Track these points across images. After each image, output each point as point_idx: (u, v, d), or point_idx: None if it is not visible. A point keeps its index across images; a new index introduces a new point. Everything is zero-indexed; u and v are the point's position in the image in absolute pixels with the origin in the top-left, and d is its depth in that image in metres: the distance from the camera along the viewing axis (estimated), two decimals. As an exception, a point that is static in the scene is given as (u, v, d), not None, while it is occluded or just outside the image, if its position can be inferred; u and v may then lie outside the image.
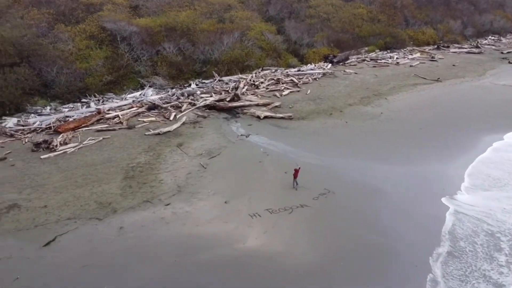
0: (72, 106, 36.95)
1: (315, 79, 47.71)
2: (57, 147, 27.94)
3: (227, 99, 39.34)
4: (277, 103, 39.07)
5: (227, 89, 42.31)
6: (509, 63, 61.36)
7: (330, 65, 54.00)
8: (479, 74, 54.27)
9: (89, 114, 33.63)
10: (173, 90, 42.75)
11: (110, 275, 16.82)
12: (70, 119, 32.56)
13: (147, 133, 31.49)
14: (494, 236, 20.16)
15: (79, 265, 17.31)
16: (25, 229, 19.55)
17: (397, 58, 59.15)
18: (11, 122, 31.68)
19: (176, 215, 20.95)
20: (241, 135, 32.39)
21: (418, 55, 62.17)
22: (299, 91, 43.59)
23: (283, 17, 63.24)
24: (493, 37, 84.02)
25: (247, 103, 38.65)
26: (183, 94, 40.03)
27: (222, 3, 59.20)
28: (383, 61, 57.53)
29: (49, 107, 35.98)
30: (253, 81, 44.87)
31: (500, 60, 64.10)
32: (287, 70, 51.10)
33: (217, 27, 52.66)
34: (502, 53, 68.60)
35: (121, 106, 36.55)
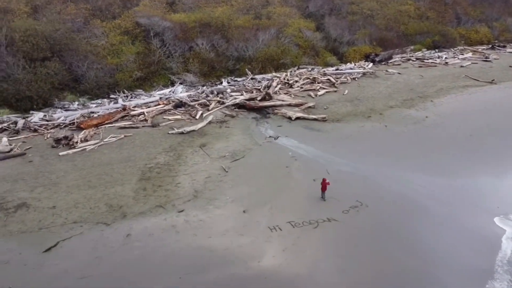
0: (100, 102, 36.26)
1: (354, 78, 44.59)
2: (77, 144, 27.00)
3: (258, 98, 37.25)
4: (311, 104, 36.51)
5: (259, 88, 40.22)
6: None
7: (371, 64, 50.54)
8: (540, 76, 48.83)
9: (114, 110, 32.61)
10: (204, 87, 41.23)
11: (107, 289, 15.21)
12: (94, 115, 31.68)
13: (170, 132, 30.02)
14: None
15: (78, 276, 15.82)
16: (28, 232, 18.41)
17: (446, 57, 54.62)
18: (37, 116, 31.26)
19: (188, 224, 19.10)
20: (269, 137, 30.20)
21: (469, 55, 57.18)
22: (336, 91, 40.75)
23: (323, 13, 60.25)
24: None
25: (279, 103, 36.37)
26: (212, 92, 38.39)
27: (260, -2, 57.26)
28: (430, 61, 53.25)
29: (76, 103, 35.49)
30: (287, 80, 42.50)
31: None
32: (325, 69, 48.27)
33: (253, 23, 50.69)
34: None
35: (148, 103, 35.38)
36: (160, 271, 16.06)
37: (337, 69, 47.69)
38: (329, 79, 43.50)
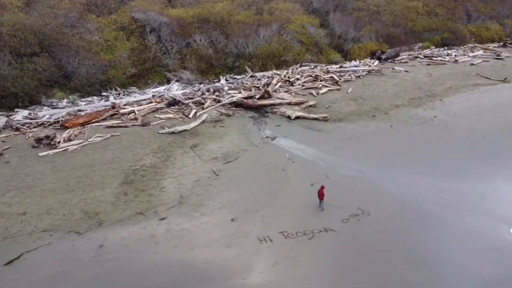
0: (90, 99, 34.53)
1: (359, 76, 42.46)
2: (59, 144, 25.26)
3: (257, 96, 35.30)
4: (312, 102, 34.48)
5: (258, 86, 38.27)
6: None
7: (377, 62, 48.35)
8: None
9: (102, 108, 30.85)
10: (201, 85, 39.35)
11: (70, 310, 13.38)
12: (82, 114, 29.93)
13: (160, 132, 28.18)
14: None
15: (39, 293, 14.02)
16: (-9, 241, 16.66)
17: (455, 55, 52.24)
18: (21, 114, 29.60)
19: (169, 234, 17.22)
20: (266, 137, 28.25)
21: (480, 52, 54.73)
22: (339, 89, 38.67)
23: (328, 10, 58.15)
24: None
25: (278, 101, 34.38)
26: (208, 89, 36.51)
27: (262, -7, 55.30)
28: (439, 58, 50.90)
29: (66, 100, 33.78)
30: (288, 78, 40.48)
31: None
32: (328, 66, 46.18)
33: (254, 19, 48.76)
34: None
35: (140, 101, 33.59)
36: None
37: (341, 67, 45.55)
38: (332, 77, 41.41)
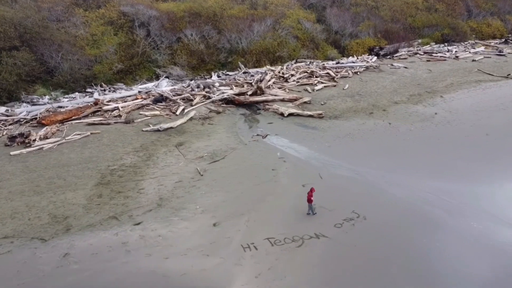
0: (74, 96, 32.84)
1: (356, 73, 40.81)
2: (34, 142, 23.57)
3: (249, 93, 33.62)
4: (307, 99, 32.82)
5: (251, 82, 36.61)
6: None
7: (375, 58, 46.73)
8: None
9: (84, 105, 29.13)
10: (191, 81, 37.68)
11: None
12: (62, 110, 28.22)
13: (144, 129, 26.50)
14: None
15: (-10, 310, 12.34)
16: None
17: (456, 51, 50.61)
18: (-2, 111, 27.92)
19: (143, 241, 15.54)
20: (257, 135, 26.60)
21: (482, 49, 53.15)
22: (335, 85, 37.01)
23: (324, 5, 56.48)
24: None
25: (271, 98, 32.73)
26: (198, 85, 34.81)
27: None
28: (439, 54, 49.29)
29: (47, 97, 32.08)
30: (282, 74, 38.81)
31: None
32: (324, 62, 44.53)
33: (248, 13, 47.11)
34: None
35: (125, 97, 31.90)
36: (94, 305, 12.55)
37: (337, 63, 43.91)
38: (328, 73, 39.76)
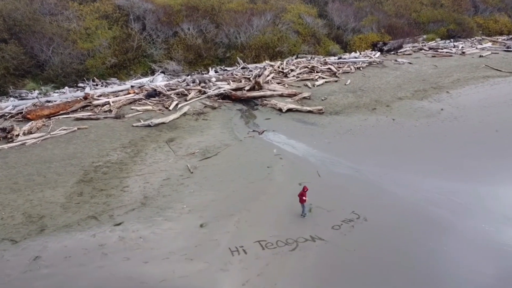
0: (64, 91, 31.61)
1: (359, 68, 39.38)
2: (17, 137, 22.34)
3: (246, 88, 32.30)
4: (306, 94, 31.45)
5: (249, 77, 35.27)
6: None
7: (378, 53, 45.26)
8: None
9: (72, 99, 27.90)
10: (187, 77, 36.38)
11: None
12: (49, 104, 26.98)
13: (135, 125, 25.24)
14: None
15: None
16: None
17: (462, 47, 49.05)
18: (-18, 106, 26.72)
19: (123, 243, 14.23)
20: (253, 131, 25.27)
21: (489, 44, 51.54)
22: (336, 81, 35.60)
23: (327, 0, 55.05)
24: None
25: (269, 93, 31.38)
26: (194, 80, 33.52)
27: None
28: (445, 50, 47.74)
29: (37, 91, 30.86)
30: (282, 69, 37.44)
31: None
32: (326, 58, 43.10)
33: (247, 7, 45.78)
34: None
35: (116, 91, 30.65)
36: (60, 316, 11.25)
37: (339, 58, 42.48)
38: (329, 69, 38.35)
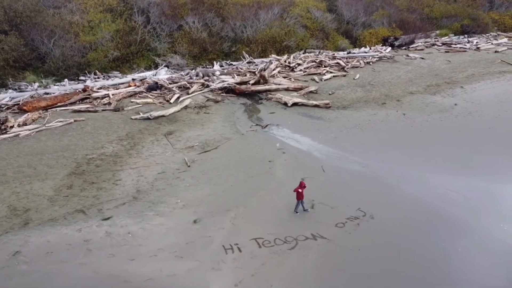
0: (64, 84, 30.87)
1: (368, 63, 38.04)
2: (11, 129, 21.60)
3: (251, 82, 31.26)
4: (313, 88, 30.27)
5: (254, 71, 34.21)
6: None
7: (389, 48, 43.80)
8: None
9: (71, 91, 27.13)
10: (192, 71, 35.41)
11: None
12: (46, 96, 26.24)
13: (133, 117, 24.36)
14: None
15: None
16: None
17: (477, 42, 47.34)
18: (-20, 97, 26.09)
19: (109, 238, 13.28)
20: (256, 125, 24.21)
21: (505, 40, 49.73)
22: (345, 75, 34.35)
23: (337, -6, 53.76)
24: None
25: (274, 87, 30.28)
26: (197, 74, 32.57)
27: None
28: (458, 46, 46.10)
29: (37, 84, 30.16)
30: (288, 63, 36.29)
31: None
32: (335, 53, 41.82)
33: (254, 0, 44.59)
34: None
35: (117, 84, 29.85)
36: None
37: (349, 53, 41.18)
38: (338, 63, 37.08)
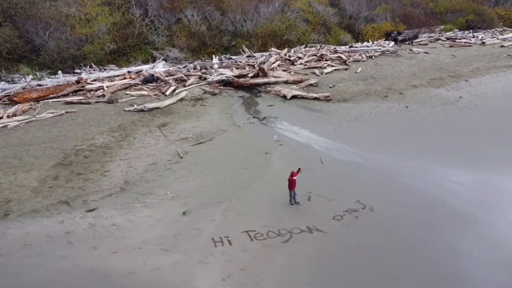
0: (58, 76, 30.20)
1: (371, 57, 37.18)
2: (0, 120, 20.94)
3: (250, 75, 30.48)
4: (313, 81, 29.46)
5: (253, 64, 33.43)
6: None
7: (392, 43, 42.91)
8: None
9: (64, 83, 26.45)
10: (190, 64, 34.66)
11: None
12: (38, 88, 25.55)
13: (127, 109, 23.63)
14: None
15: None
16: None
17: (482, 37, 46.33)
18: (-30, 88, 25.44)
19: (92, 230, 12.52)
20: (253, 118, 23.43)
21: (510, 35, 48.69)
22: (346, 69, 33.51)
23: (339, -12, 52.89)
24: None
25: (274, 80, 29.48)
26: (195, 67, 31.82)
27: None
28: (463, 40, 45.13)
29: (31, 77, 29.47)
30: (289, 56, 35.48)
31: None
32: (336, 47, 40.98)
33: (254, -6, 43.83)
34: None
35: (112, 76, 29.15)
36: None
37: (350, 47, 40.32)
38: (339, 57, 36.24)
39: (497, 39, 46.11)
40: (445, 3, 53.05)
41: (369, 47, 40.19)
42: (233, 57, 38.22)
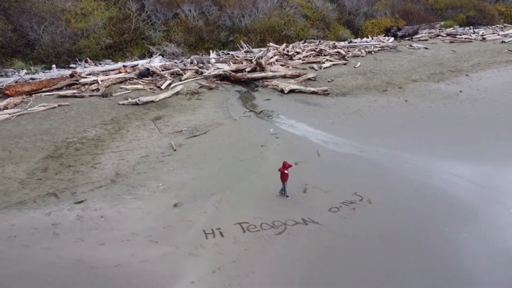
0: (52, 70, 29.78)
1: (370, 52, 36.74)
2: (-10, 113, 20.53)
3: (247, 69, 30.09)
4: (311, 75, 29.03)
5: (250, 59, 33.00)
6: None
7: (392, 39, 42.47)
8: None
9: (57, 76, 26.03)
10: (187, 60, 34.25)
11: None
12: (31, 81, 25.14)
13: (121, 103, 23.22)
14: None
15: None
16: None
17: (483, 33, 45.90)
18: (-38, 82, 25.01)
19: (80, 222, 12.10)
20: (249, 111, 23.02)
21: (511, 31, 48.26)
22: (345, 64, 33.09)
23: (338, -15, 52.45)
24: None
25: (271, 74, 29.05)
26: (191, 61, 31.41)
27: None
28: (464, 36, 44.70)
29: (25, 71, 29.07)
30: (287, 51, 35.05)
31: None
32: (335, 42, 40.56)
33: (252, -11, 43.39)
34: None
35: (107, 70, 28.72)
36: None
37: (350, 42, 39.89)
38: (338, 52, 35.82)
39: (498, 35, 45.68)
40: (446, -1, 52.66)
41: (368, 42, 39.74)
42: (231, 53, 37.81)
